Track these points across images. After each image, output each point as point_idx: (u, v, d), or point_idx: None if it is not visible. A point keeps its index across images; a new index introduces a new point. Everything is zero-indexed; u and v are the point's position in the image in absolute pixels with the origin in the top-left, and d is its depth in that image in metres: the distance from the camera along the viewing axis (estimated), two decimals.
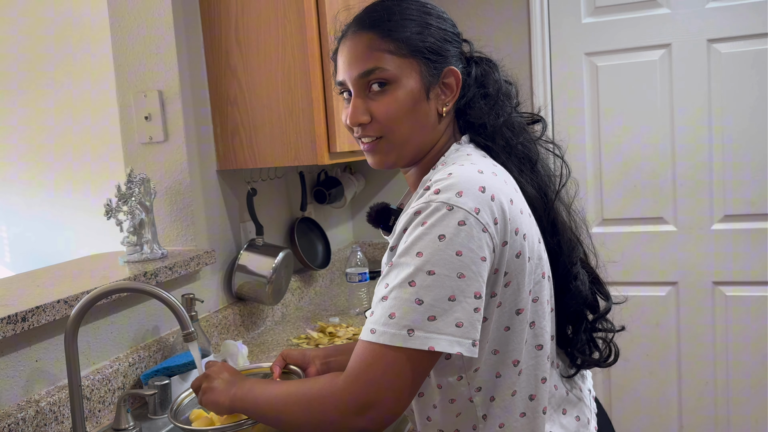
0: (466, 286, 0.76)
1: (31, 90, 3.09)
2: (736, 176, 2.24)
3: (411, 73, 0.89)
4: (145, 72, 1.61)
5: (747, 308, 2.29)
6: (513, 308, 0.84)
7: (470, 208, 0.78)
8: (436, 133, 0.94)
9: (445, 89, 0.92)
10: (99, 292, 1.11)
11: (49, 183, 3.14)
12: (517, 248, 0.82)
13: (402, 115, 0.90)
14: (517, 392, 0.87)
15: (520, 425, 0.87)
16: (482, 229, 0.78)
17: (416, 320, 0.75)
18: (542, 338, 0.88)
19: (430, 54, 0.90)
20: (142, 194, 1.50)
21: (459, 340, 0.76)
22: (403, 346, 0.75)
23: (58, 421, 1.17)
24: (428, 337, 0.75)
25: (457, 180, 0.80)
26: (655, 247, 2.35)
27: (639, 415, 2.44)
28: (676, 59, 2.25)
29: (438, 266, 0.76)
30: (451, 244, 0.76)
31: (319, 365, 1.11)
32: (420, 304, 0.75)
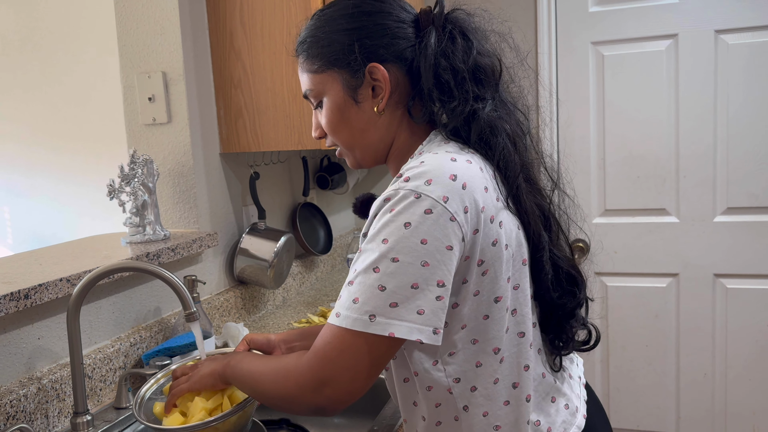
0: (429, 274, 0.76)
1: (33, 71, 3.08)
2: (740, 168, 2.23)
3: (333, 85, 0.91)
4: (149, 53, 1.61)
5: (747, 301, 2.29)
6: (491, 296, 0.83)
7: (438, 197, 0.77)
8: (384, 131, 0.92)
9: (377, 86, 0.89)
10: (101, 271, 1.12)
11: (51, 164, 3.14)
12: (492, 236, 0.81)
13: (335, 126, 0.93)
14: (500, 380, 0.86)
15: (504, 413, 0.87)
16: (450, 218, 0.77)
17: (378, 306, 0.75)
18: (524, 325, 0.87)
19: (346, 59, 0.89)
20: (145, 175, 1.50)
21: (420, 328, 0.76)
22: (364, 331, 0.75)
23: (60, 398, 1.18)
24: (389, 323, 0.75)
25: (428, 168, 0.80)
26: (657, 239, 2.35)
27: (637, 405, 2.45)
28: (682, 50, 2.23)
29: (402, 254, 0.76)
30: (416, 232, 0.76)
31: (284, 349, 1.12)
32: (383, 291, 0.75)
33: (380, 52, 0.88)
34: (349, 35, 0.89)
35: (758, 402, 2.32)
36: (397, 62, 0.89)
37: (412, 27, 0.90)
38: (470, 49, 0.88)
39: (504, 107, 0.91)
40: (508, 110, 0.92)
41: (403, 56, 0.89)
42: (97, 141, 2.98)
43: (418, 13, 0.92)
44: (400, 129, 0.93)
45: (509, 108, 0.93)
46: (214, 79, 1.71)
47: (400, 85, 0.90)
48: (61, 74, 3.03)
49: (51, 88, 3.06)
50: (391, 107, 0.91)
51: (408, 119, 0.92)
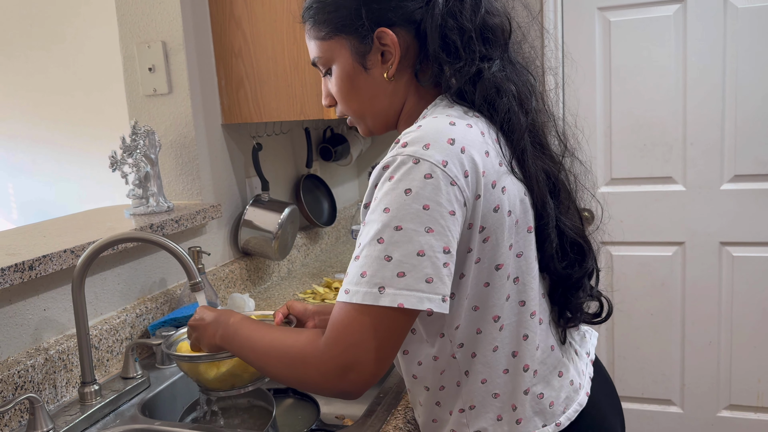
0: (434, 240, 0.74)
1: (33, 46, 3.05)
2: (748, 135, 2.21)
3: (341, 52, 0.89)
4: (149, 22, 1.58)
5: (753, 269, 2.28)
6: (492, 263, 0.82)
7: (437, 161, 0.75)
8: (393, 98, 0.90)
9: (386, 51, 0.87)
10: (105, 242, 1.11)
11: (54, 140, 3.13)
12: (494, 202, 0.79)
13: (345, 93, 0.91)
14: (499, 348, 0.86)
15: (502, 382, 0.86)
16: (450, 182, 0.75)
17: (386, 277, 0.73)
18: (526, 294, 0.86)
19: (354, 25, 0.86)
20: (147, 147, 1.49)
21: (429, 296, 0.73)
22: (375, 304, 0.73)
23: (67, 369, 1.18)
24: (398, 294, 0.73)
25: (425, 132, 0.77)
26: (663, 207, 2.33)
27: (642, 373, 2.46)
28: (690, 14, 2.19)
29: (405, 221, 0.73)
30: (418, 198, 0.74)
31: (318, 320, 1.12)
32: (389, 261, 0.73)
33: (388, 15, 0.85)
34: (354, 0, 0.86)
35: (763, 369, 2.33)
36: (406, 25, 0.86)
37: None
38: (478, 7, 0.85)
39: (512, 67, 0.88)
40: (517, 71, 0.89)
41: (412, 19, 0.86)
42: (98, 113, 2.96)
43: None
44: (409, 94, 0.90)
45: (518, 68, 0.89)
46: (214, 48, 1.69)
47: (410, 49, 0.87)
48: (61, 48, 3.00)
49: (52, 62, 3.04)
50: (401, 72, 0.88)
51: (416, 83, 0.89)
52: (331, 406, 1.39)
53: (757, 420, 2.36)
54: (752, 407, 2.36)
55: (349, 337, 0.74)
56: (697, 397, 2.41)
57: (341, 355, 0.75)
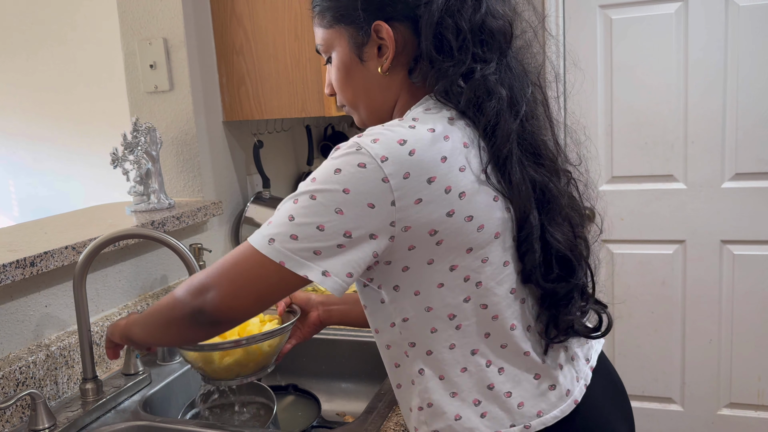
0: (338, 222, 0.76)
1: (34, 43, 3.05)
2: (750, 134, 2.20)
3: (340, 42, 0.90)
4: (150, 19, 1.58)
5: (754, 267, 2.28)
6: (446, 265, 0.82)
7: (376, 155, 0.76)
8: (386, 93, 0.90)
9: (383, 45, 0.87)
10: (106, 238, 1.11)
11: (55, 137, 3.13)
12: (447, 207, 0.79)
13: (342, 83, 0.93)
14: (457, 346, 0.85)
15: (460, 380, 0.85)
16: (382, 178, 0.76)
17: (281, 233, 0.77)
18: (488, 299, 0.84)
19: (352, 16, 0.87)
20: (148, 143, 1.49)
21: (310, 265, 0.76)
22: (260, 250, 0.77)
23: (69, 365, 1.19)
24: (282, 252, 0.76)
25: (383, 130, 0.79)
26: (664, 205, 2.33)
27: (642, 371, 2.46)
28: (692, 12, 2.19)
29: (321, 195, 0.77)
30: (342, 179, 0.76)
31: (321, 311, 1.14)
32: (291, 221, 0.77)
33: (387, 9, 0.85)
34: None
35: (763, 368, 2.33)
36: (405, 21, 0.85)
37: None
38: (479, 8, 0.84)
39: (509, 72, 0.87)
40: (515, 76, 0.87)
41: (412, 15, 0.85)
42: (99, 110, 2.96)
43: None
44: (403, 91, 0.89)
45: (516, 74, 0.88)
46: (215, 45, 1.68)
47: (407, 45, 0.86)
48: (62, 45, 3.00)
49: (52, 59, 3.04)
50: (396, 68, 0.88)
51: (410, 82, 0.89)
52: (332, 403, 1.39)
53: (757, 418, 2.36)
54: (753, 405, 2.36)
55: (226, 263, 0.80)
56: (698, 396, 2.42)
57: (209, 275, 0.80)
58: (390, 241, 0.79)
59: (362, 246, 0.78)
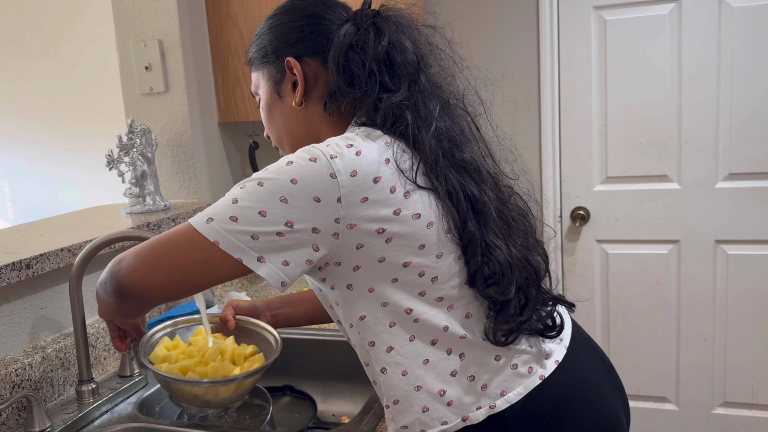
0: (281, 210, 0.78)
1: (28, 43, 3.04)
2: (743, 134, 2.22)
3: (262, 82, 0.97)
4: (145, 21, 1.58)
5: (748, 267, 2.29)
6: (399, 262, 0.84)
7: (326, 153, 0.80)
8: (308, 126, 0.95)
9: (296, 81, 0.92)
10: (102, 240, 1.11)
11: (50, 138, 3.12)
12: (394, 206, 0.82)
13: (266, 120, 0.99)
14: (416, 338, 0.87)
15: (423, 372, 0.87)
16: (330, 174, 0.79)
17: (221, 214, 0.78)
18: (444, 291, 0.86)
19: (268, 55, 0.94)
20: (144, 145, 1.49)
21: (246, 249, 0.77)
22: (196, 228, 0.78)
23: (65, 367, 1.19)
24: (218, 231, 0.77)
25: (334, 138, 0.84)
26: (659, 205, 2.34)
27: (637, 371, 2.47)
28: (686, 13, 2.20)
29: (268, 182, 0.78)
30: (291, 171, 0.79)
31: (268, 316, 1.15)
32: (234, 203, 0.78)
33: (298, 46, 0.92)
34: (271, 33, 0.95)
35: (757, 367, 2.34)
36: (316, 56, 0.92)
37: (336, 25, 0.92)
38: (380, 41, 0.89)
39: (421, 96, 0.90)
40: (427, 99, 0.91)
41: (321, 50, 0.91)
42: (94, 112, 2.96)
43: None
44: (323, 125, 0.94)
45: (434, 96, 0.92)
46: (210, 47, 1.69)
47: (320, 79, 0.92)
48: (56, 46, 2.99)
49: (47, 60, 3.03)
50: (313, 102, 0.93)
51: (327, 115, 0.93)
52: (328, 404, 1.39)
53: (751, 417, 2.37)
54: (747, 404, 2.38)
55: (157, 238, 0.81)
56: (692, 395, 2.43)
57: (139, 248, 0.81)
58: (334, 239, 0.81)
59: (302, 238, 0.79)
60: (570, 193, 2.42)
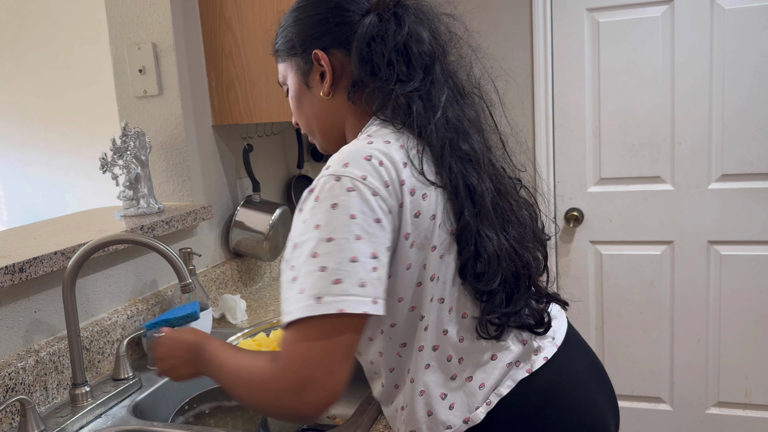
0: (364, 247, 0.77)
1: (21, 46, 3.04)
2: (736, 135, 2.23)
3: (291, 73, 0.99)
4: (139, 24, 1.59)
5: (741, 267, 2.30)
6: (420, 264, 0.85)
7: (356, 176, 0.80)
8: (334, 116, 0.97)
9: (323, 72, 0.95)
10: (95, 244, 1.11)
11: (44, 141, 3.12)
12: (415, 208, 0.84)
13: (296, 110, 1.02)
14: (424, 347, 0.88)
15: (427, 378, 0.89)
16: (372, 192, 0.80)
17: (323, 287, 0.75)
18: (445, 292, 0.88)
19: (296, 48, 0.96)
20: (138, 148, 1.49)
21: (363, 300, 0.76)
22: (315, 314, 0.75)
23: (59, 371, 1.18)
24: (337, 300, 0.75)
25: (344, 153, 0.83)
26: (652, 206, 2.35)
27: (631, 371, 2.48)
28: (678, 15, 2.21)
29: (335, 232, 0.77)
30: (344, 209, 0.78)
31: None
32: (324, 271, 0.76)
33: (323, 39, 0.94)
34: (297, 26, 0.97)
35: (751, 367, 2.35)
36: (341, 48, 0.94)
37: (359, 15, 0.93)
38: (399, 32, 0.91)
39: (433, 87, 0.92)
40: (440, 90, 0.92)
41: (345, 42, 0.93)
42: (88, 115, 2.95)
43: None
44: (348, 113, 0.96)
45: (445, 87, 0.93)
46: (204, 50, 1.69)
47: (346, 70, 0.94)
48: (51, 49, 2.99)
49: (40, 63, 3.02)
50: (339, 92, 0.95)
51: (351, 103, 0.95)
52: None
53: (745, 417, 2.38)
54: (740, 404, 2.39)
55: (298, 354, 0.75)
56: (686, 395, 2.44)
57: (294, 375, 0.76)
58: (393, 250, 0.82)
59: (386, 261, 0.80)
60: (564, 195, 2.43)
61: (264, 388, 0.78)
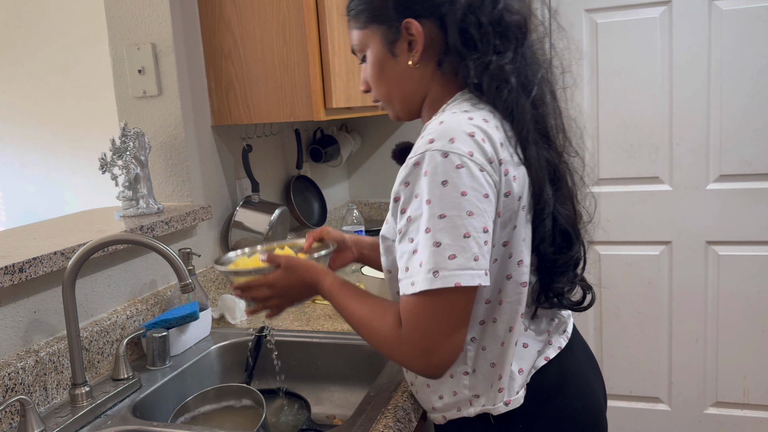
0: (476, 222, 0.82)
1: (20, 46, 3.04)
2: (734, 135, 2.24)
3: (373, 40, 0.99)
4: (138, 24, 1.59)
5: (739, 267, 2.31)
6: (500, 241, 0.90)
7: (464, 152, 0.83)
8: (417, 84, 0.98)
9: (413, 41, 0.95)
10: (95, 244, 1.11)
11: (43, 141, 3.12)
12: (506, 188, 0.88)
13: (376, 78, 1.01)
14: (498, 321, 0.94)
15: (498, 353, 0.95)
16: (480, 168, 0.83)
17: (439, 262, 0.81)
18: (526, 276, 0.93)
19: (383, 16, 0.96)
20: (137, 148, 1.49)
21: (478, 273, 0.82)
22: (432, 288, 0.81)
23: (58, 371, 1.19)
24: (453, 275, 0.81)
25: (447, 127, 0.85)
26: (650, 207, 2.36)
27: (630, 372, 2.48)
28: (676, 16, 2.22)
29: (447, 209, 0.81)
30: (455, 187, 0.82)
31: (355, 252, 1.24)
32: (439, 247, 0.81)
33: (415, 8, 0.94)
34: None
35: (749, 367, 2.36)
36: (431, 18, 0.94)
37: None
38: (497, 4, 0.93)
39: (524, 61, 0.95)
40: (529, 65, 0.96)
41: (438, 12, 0.93)
42: (87, 115, 2.95)
43: None
44: (433, 83, 0.98)
45: (530, 63, 0.96)
46: (204, 50, 1.69)
47: (435, 40, 0.95)
48: (50, 49, 2.99)
49: (39, 63, 3.02)
50: (425, 61, 0.96)
51: (440, 73, 0.97)
52: (322, 407, 1.40)
53: (743, 417, 2.39)
54: (738, 404, 2.39)
55: (422, 324, 0.83)
56: (685, 395, 2.44)
57: (420, 342, 0.84)
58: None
59: (491, 232, 0.86)
60: None
61: (392, 349, 0.87)
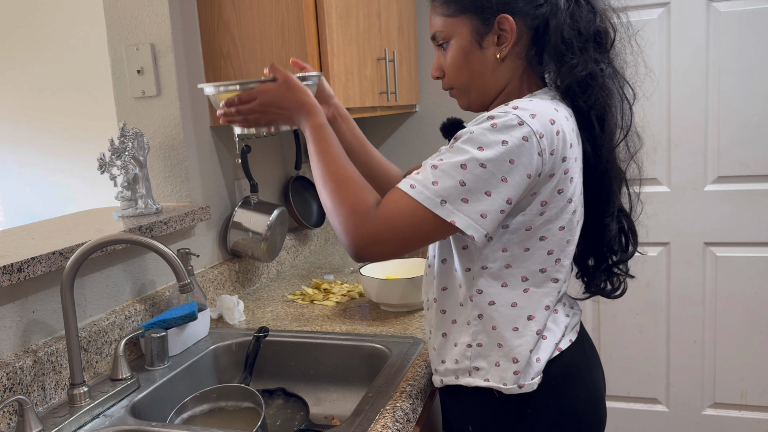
0: (505, 189, 0.87)
1: (18, 46, 3.03)
2: (732, 137, 2.24)
3: (462, 30, 1.01)
4: (137, 24, 1.59)
5: (736, 268, 2.31)
6: (538, 234, 0.95)
7: (537, 130, 0.88)
8: (498, 77, 1.02)
9: (503, 35, 0.99)
10: (94, 244, 1.11)
11: (41, 142, 3.11)
12: (560, 185, 0.93)
13: (458, 66, 1.04)
14: (518, 306, 0.98)
15: (510, 336, 0.99)
16: (539, 152, 0.88)
17: (452, 195, 0.86)
18: (559, 273, 0.99)
19: (479, 8, 0.99)
20: (136, 149, 1.49)
21: (477, 227, 0.87)
22: (433, 210, 0.86)
23: (56, 371, 1.19)
24: (454, 212, 0.86)
25: (535, 105, 0.91)
26: (648, 208, 2.35)
27: (628, 372, 2.49)
28: (674, 18, 2.22)
29: (491, 163, 0.86)
30: (509, 151, 0.86)
31: (332, 112, 1.22)
32: (463, 186, 0.86)
33: (511, 4, 0.98)
34: None
35: (747, 368, 2.36)
36: (524, 17, 0.98)
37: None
38: (594, 14, 0.98)
39: (614, 73, 1.00)
40: (617, 77, 1.01)
41: (532, 13, 0.98)
42: (86, 115, 2.95)
43: None
44: (514, 78, 1.03)
45: (617, 74, 1.01)
46: (203, 50, 1.69)
47: (522, 37, 1.00)
48: (48, 49, 2.99)
49: (37, 62, 3.02)
50: (512, 57, 1.01)
51: (524, 70, 1.02)
52: (320, 407, 1.40)
53: (740, 418, 2.39)
54: (736, 405, 2.40)
55: (398, 221, 0.88)
56: (682, 396, 2.45)
57: (381, 232, 0.89)
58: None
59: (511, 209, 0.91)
60: None
61: (350, 216, 0.90)
